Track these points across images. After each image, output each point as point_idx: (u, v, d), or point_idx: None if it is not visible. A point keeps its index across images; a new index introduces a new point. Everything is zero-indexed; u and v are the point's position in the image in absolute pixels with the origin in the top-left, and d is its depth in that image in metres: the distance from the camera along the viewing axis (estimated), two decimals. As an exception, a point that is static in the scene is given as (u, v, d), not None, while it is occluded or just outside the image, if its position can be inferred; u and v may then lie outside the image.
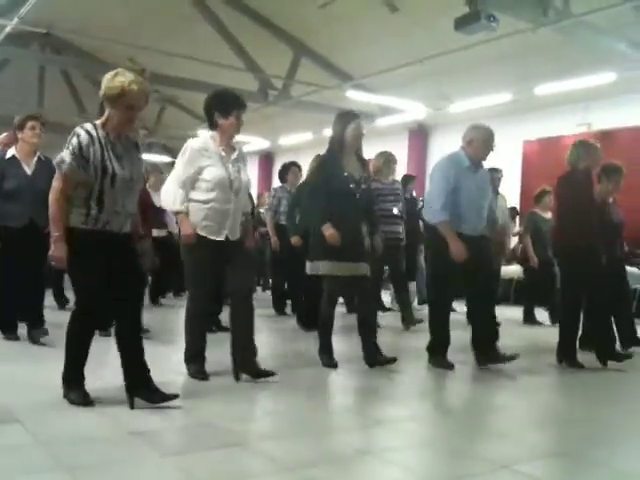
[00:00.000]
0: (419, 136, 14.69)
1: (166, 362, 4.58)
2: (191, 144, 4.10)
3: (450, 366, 4.83)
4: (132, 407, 3.36)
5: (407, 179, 8.77)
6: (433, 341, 4.97)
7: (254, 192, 11.54)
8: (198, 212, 4.07)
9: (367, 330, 4.72)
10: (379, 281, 7.34)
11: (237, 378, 4.15)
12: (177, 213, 4.14)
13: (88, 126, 3.35)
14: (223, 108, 4.10)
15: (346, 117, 4.75)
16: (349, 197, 4.62)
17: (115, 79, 3.29)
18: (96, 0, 12.26)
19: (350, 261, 4.58)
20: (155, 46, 11.47)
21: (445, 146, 13.73)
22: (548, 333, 6.36)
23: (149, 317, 6.99)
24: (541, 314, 8.35)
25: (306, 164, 7.62)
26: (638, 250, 9.38)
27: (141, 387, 3.42)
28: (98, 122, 3.40)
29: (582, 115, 11.28)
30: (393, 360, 4.64)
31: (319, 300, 4.78)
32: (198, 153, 4.05)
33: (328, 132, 15.93)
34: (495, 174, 7.74)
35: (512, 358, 4.80)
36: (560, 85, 10.48)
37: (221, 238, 4.07)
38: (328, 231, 4.50)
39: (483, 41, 8.83)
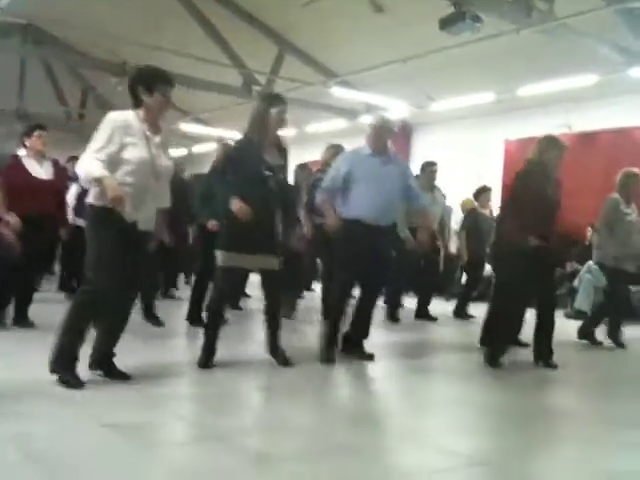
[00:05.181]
0: (402, 134, 14.70)
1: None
2: (113, 117, 3.66)
3: (369, 357, 4.86)
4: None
5: None
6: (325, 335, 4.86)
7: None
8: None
9: (273, 324, 4.51)
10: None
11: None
12: (99, 180, 3.48)
13: None
14: (148, 84, 3.72)
15: (270, 100, 4.46)
16: (261, 183, 4.30)
17: None
18: (79, -9, 12.14)
19: (253, 253, 4.28)
20: (138, 39, 11.40)
21: (428, 144, 13.90)
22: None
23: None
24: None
25: (290, 159, 7.61)
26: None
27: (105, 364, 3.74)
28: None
29: (563, 116, 11.36)
30: (290, 363, 4.46)
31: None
32: (121, 129, 3.62)
33: (311, 128, 16.01)
34: (428, 168, 7.71)
35: (370, 358, 4.85)
36: (542, 86, 10.55)
37: (131, 220, 3.64)
38: (236, 205, 4.15)
39: (467, 41, 8.87)
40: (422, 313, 7.86)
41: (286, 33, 12.44)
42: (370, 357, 4.89)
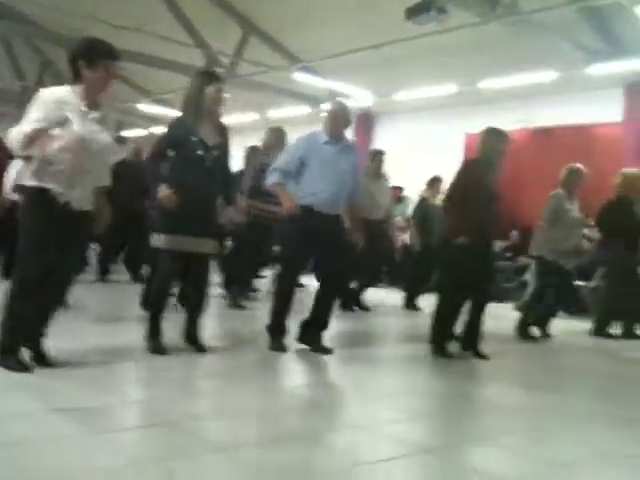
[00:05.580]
0: (365, 122, 14.71)
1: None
2: (47, 92, 3.53)
3: (326, 350, 4.74)
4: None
5: None
6: (272, 321, 4.82)
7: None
8: (44, 173, 3.47)
9: (197, 311, 4.43)
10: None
11: None
12: (36, 131, 3.35)
13: None
14: (90, 57, 3.55)
15: (205, 77, 4.35)
16: (196, 165, 4.20)
17: None
18: (39, -37, 11.81)
19: (190, 235, 4.19)
20: (99, 16, 11.14)
21: (390, 134, 13.94)
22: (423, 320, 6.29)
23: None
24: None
25: (250, 144, 7.54)
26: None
27: (37, 343, 3.61)
28: None
29: (524, 111, 11.50)
30: (204, 349, 4.37)
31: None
32: (55, 105, 3.45)
33: (274, 113, 15.85)
34: (378, 156, 7.71)
35: (328, 351, 4.73)
36: (504, 80, 10.68)
37: (64, 200, 3.52)
38: (164, 192, 4.09)
39: (432, 32, 8.90)
40: (356, 302, 7.67)
41: (251, 15, 12.30)
42: (328, 351, 4.75)
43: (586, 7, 8.54)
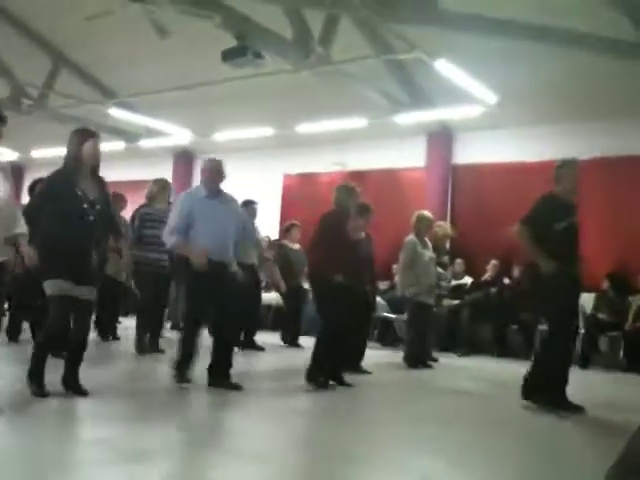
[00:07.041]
0: (184, 161, 14.61)
1: None
2: None
3: (236, 387, 5.14)
4: None
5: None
6: (180, 356, 5.25)
7: None
8: None
9: (76, 355, 4.58)
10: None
11: None
12: None
13: None
14: None
15: (83, 134, 4.59)
16: (81, 217, 4.44)
17: None
18: None
19: (72, 282, 4.40)
20: None
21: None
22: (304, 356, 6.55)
23: None
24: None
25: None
26: (384, 281, 10.23)
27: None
28: None
29: (338, 155, 12.07)
30: (85, 393, 4.53)
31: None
32: None
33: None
34: (251, 205, 8.28)
35: (238, 388, 5.15)
36: (318, 125, 11.15)
37: None
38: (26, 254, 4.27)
39: (249, 75, 9.08)
40: (248, 343, 8.21)
41: (63, 46, 11.76)
42: (237, 387, 5.14)
43: (391, 60, 9.18)
